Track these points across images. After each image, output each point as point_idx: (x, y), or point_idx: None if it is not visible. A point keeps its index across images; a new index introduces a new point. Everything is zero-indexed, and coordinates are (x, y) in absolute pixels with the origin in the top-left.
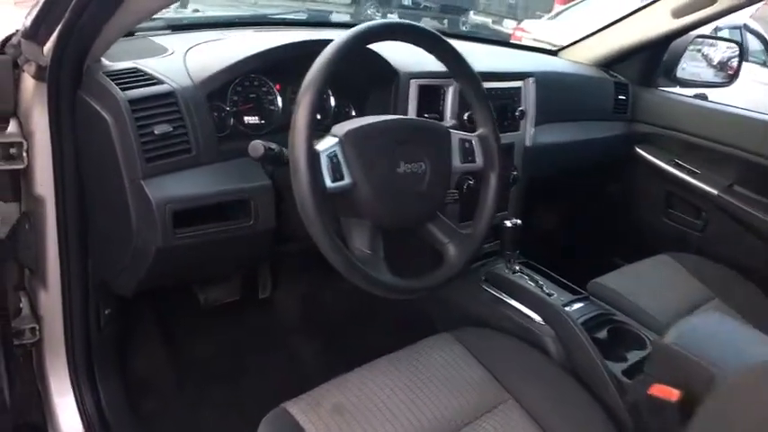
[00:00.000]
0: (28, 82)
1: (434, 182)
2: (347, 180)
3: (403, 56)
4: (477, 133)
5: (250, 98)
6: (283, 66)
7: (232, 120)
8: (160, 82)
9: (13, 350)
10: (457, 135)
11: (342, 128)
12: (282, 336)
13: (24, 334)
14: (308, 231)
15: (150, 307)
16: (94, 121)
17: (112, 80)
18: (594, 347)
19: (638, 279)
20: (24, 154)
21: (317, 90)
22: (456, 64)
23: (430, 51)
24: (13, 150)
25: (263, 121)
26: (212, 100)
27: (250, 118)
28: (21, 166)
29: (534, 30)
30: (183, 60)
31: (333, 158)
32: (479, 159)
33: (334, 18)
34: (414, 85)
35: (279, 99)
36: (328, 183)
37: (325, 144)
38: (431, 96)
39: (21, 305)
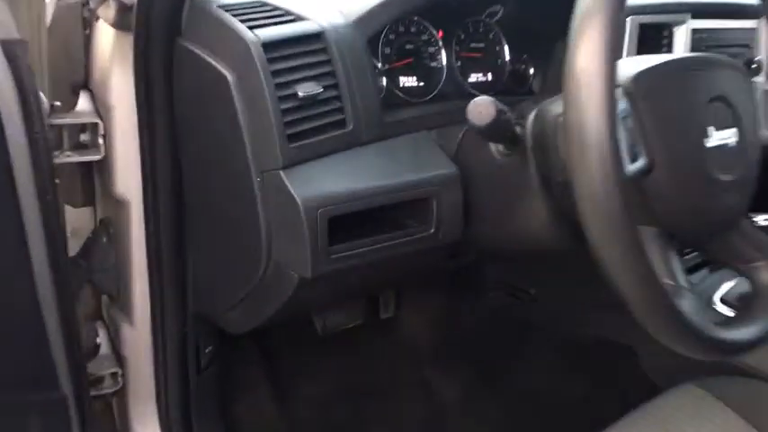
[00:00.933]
0: (104, 34)
1: (747, 163)
2: (643, 159)
3: None
4: None
5: (406, 50)
6: (445, 5)
7: (385, 80)
8: (301, 18)
9: (90, 404)
10: (762, 84)
11: (628, 69)
12: (411, 368)
13: (104, 381)
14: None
15: (255, 339)
16: (205, 81)
17: (235, 16)
18: None
19: None
20: (100, 140)
21: (618, 9)
22: None
23: None
24: (84, 136)
25: (421, 83)
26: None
27: (407, 78)
28: (96, 157)
29: None
30: None
31: (627, 124)
32: None
33: None
34: (631, 25)
35: (443, 52)
36: (627, 165)
37: None
38: (649, 39)
39: (98, 341)
